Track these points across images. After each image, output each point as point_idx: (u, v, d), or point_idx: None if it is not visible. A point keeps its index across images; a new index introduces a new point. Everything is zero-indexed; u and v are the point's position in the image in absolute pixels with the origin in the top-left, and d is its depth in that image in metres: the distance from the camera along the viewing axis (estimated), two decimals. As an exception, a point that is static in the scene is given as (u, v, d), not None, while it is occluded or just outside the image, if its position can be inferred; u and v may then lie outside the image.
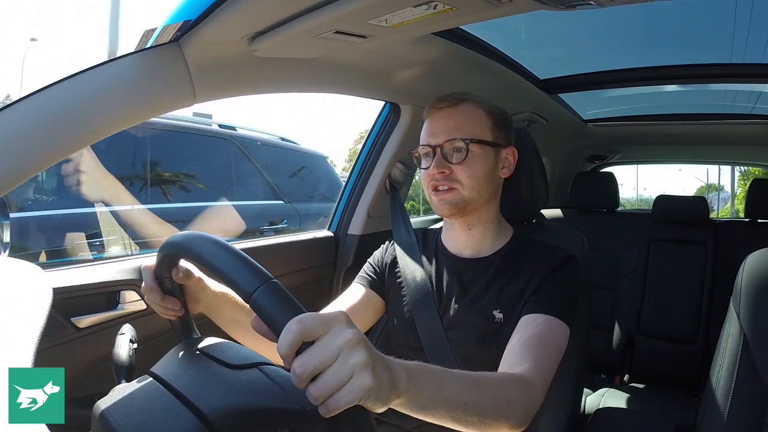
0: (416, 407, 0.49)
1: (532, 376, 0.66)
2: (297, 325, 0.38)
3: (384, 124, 1.37)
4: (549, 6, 0.70)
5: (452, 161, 0.81)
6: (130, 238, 1.91)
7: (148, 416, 0.47)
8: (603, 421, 1.02)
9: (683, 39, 1.40)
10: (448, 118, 0.83)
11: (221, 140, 2.76)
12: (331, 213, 1.46)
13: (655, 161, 3.14)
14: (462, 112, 0.83)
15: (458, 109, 0.83)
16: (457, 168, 0.81)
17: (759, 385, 0.68)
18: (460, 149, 0.81)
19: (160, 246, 0.57)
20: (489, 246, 0.88)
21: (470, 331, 0.82)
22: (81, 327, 0.85)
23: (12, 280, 0.55)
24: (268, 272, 0.43)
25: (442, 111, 0.84)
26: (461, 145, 0.81)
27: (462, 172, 0.81)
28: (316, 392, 0.38)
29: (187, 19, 0.73)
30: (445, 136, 0.81)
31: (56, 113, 0.69)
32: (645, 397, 1.64)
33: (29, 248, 1.74)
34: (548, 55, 1.49)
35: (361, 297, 0.92)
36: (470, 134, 0.81)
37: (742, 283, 0.74)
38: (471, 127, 0.82)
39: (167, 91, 0.79)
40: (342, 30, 0.78)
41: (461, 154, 0.81)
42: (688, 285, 1.78)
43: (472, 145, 0.81)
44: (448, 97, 0.85)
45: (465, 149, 0.80)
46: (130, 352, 0.59)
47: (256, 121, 38.34)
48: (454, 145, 0.81)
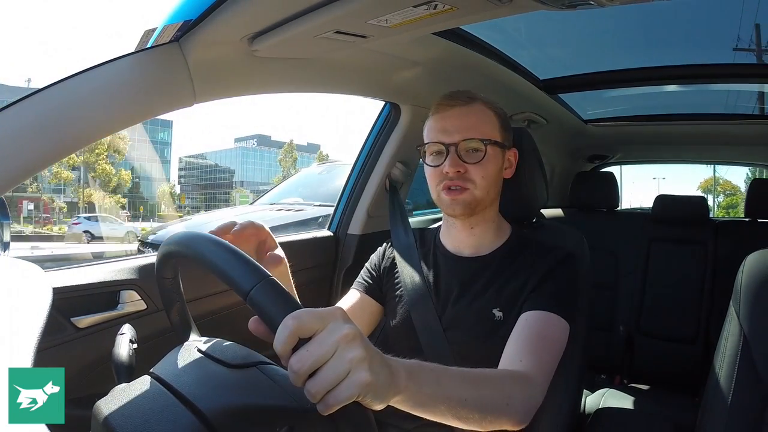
0: (416, 404, 0.49)
1: (532, 372, 0.66)
2: (292, 320, 0.38)
3: (384, 124, 1.37)
4: (549, 6, 0.70)
5: (467, 161, 0.80)
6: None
7: (148, 416, 0.47)
8: (603, 421, 1.02)
9: (683, 39, 1.40)
10: (461, 116, 0.82)
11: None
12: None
13: (655, 161, 3.13)
14: (475, 112, 0.83)
15: (471, 109, 0.83)
16: (473, 168, 0.80)
17: (759, 385, 0.68)
18: (478, 149, 0.81)
19: (159, 246, 0.58)
20: (488, 245, 0.88)
21: (469, 330, 0.82)
22: (81, 327, 0.85)
23: (12, 279, 0.55)
24: (266, 270, 0.43)
25: (454, 109, 0.83)
26: (479, 146, 0.80)
27: (477, 172, 0.80)
28: (313, 389, 0.38)
29: (187, 19, 0.73)
30: (461, 135, 0.80)
31: (56, 113, 0.69)
32: (645, 397, 1.63)
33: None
34: (548, 55, 1.49)
35: (357, 303, 0.92)
36: (485, 135, 0.81)
37: (742, 283, 0.74)
38: (485, 127, 0.82)
39: (167, 91, 0.79)
40: (342, 30, 0.78)
41: (478, 154, 0.80)
42: (688, 285, 1.77)
43: (489, 146, 0.81)
44: (459, 95, 0.84)
45: (483, 150, 0.80)
46: (130, 352, 0.59)
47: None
48: (471, 145, 0.81)
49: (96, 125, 0.73)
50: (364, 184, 1.39)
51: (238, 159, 62.13)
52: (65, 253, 13.06)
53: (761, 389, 0.68)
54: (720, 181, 19.52)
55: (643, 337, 1.79)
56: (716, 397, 0.72)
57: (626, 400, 1.55)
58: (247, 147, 62.47)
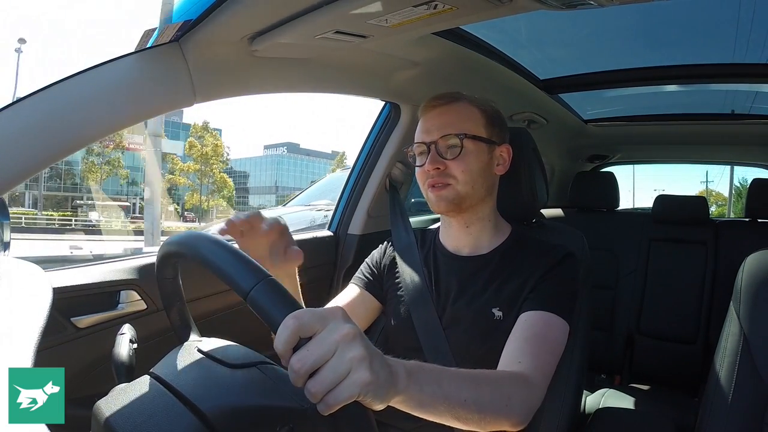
0: (416, 404, 0.49)
1: (531, 373, 0.66)
2: (293, 320, 0.38)
3: (384, 124, 1.37)
4: (549, 6, 0.70)
5: (447, 157, 0.81)
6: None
7: (148, 416, 0.47)
8: (603, 421, 1.02)
9: (683, 39, 1.40)
10: (441, 115, 0.83)
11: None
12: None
13: (655, 161, 3.13)
14: (455, 109, 0.84)
15: (451, 107, 0.84)
16: (452, 164, 0.81)
17: (759, 385, 0.68)
18: (454, 145, 0.81)
19: (160, 246, 0.58)
20: (487, 244, 0.88)
21: (469, 330, 0.82)
22: (81, 327, 0.85)
23: (12, 279, 0.55)
24: (266, 270, 0.43)
25: (435, 109, 0.84)
26: (455, 142, 0.81)
27: (456, 167, 0.81)
28: (313, 388, 0.38)
29: (187, 19, 0.73)
30: (439, 132, 0.82)
31: (56, 113, 0.69)
32: (645, 397, 1.63)
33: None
34: (548, 55, 1.49)
35: (356, 298, 0.92)
36: (463, 130, 0.82)
37: (742, 283, 0.74)
38: (464, 123, 0.83)
39: (167, 91, 0.79)
40: (342, 30, 0.78)
41: (455, 149, 0.81)
42: (689, 285, 1.77)
43: (466, 141, 0.81)
44: (441, 96, 0.85)
45: (459, 145, 0.81)
46: (130, 352, 0.59)
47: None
48: (448, 141, 0.82)
49: (96, 125, 0.73)
50: (364, 184, 1.39)
51: (273, 166, 63.63)
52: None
53: (761, 389, 0.68)
54: (713, 193, 22.72)
55: (643, 337, 1.79)
56: (716, 397, 0.72)
57: (626, 400, 1.55)
58: (278, 154, 63.78)
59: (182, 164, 29.23)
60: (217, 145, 29.30)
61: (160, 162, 9.71)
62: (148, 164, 10.64)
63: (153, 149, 8.43)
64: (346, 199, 1.42)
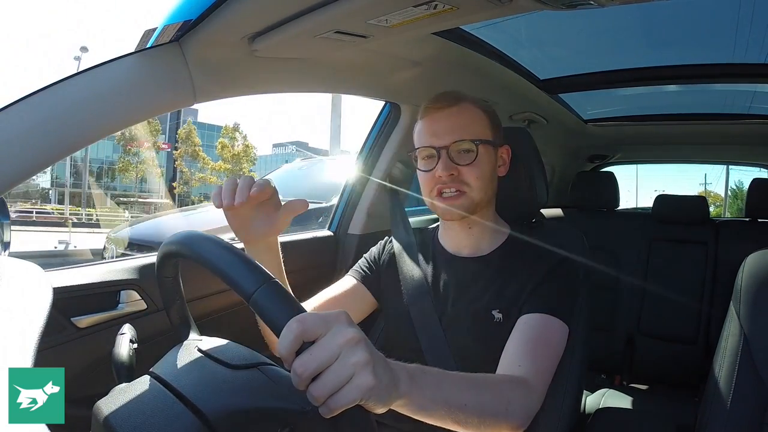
0: (417, 408, 0.49)
1: (531, 377, 0.66)
2: (297, 324, 0.38)
3: (384, 124, 1.37)
4: (549, 6, 0.70)
5: (460, 163, 0.79)
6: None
7: (148, 416, 0.47)
8: (603, 421, 1.02)
9: (683, 39, 1.40)
10: (450, 118, 0.81)
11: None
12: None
13: (655, 161, 3.14)
14: (462, 112, 0.82)
15: (459, 109, 0.82)
16: (465, 169, 0.79)
17: (759, 385, 0.68)
18: (469, 150, 0.79)
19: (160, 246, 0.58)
20: (487, 244, 0.88)
21: (469, 331, 0.82)
22: (81, 327, 0.85)
23: (12, 279, 0.55)
24: (269, 272, 0.43)
25: (443, 111, 0.82)
26: (470, 147, 0.79)
27: (470, 173, 0.79)
28: (316, 392, 0.38)
29: (187, 19, 0.73)
30: (452, 136, 0.79)
31: (56, 113, 0.69)
32: (645, 397, 1.64)
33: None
34: (548, 55, 1.49)
35: (350, 290, 0.91)
36: (476, 135, 0.80)
37: (742, 283, 0.74)
38: (475, 127, 0.81)
39: (167, 91, 0.79)
40: (342, 30, 0.78)
41: (470, 155, 0.79)
42: (689, 285, 1.77)
43: (480, 146, 0.80)
44: (445, 96, 0.83)
45: (475, 151, 0.79)
46: (130, 352, 0.59)
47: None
48: (462, 146, 0.79)
49: (96, 125, 0.73)
50: (364, 184, 1.39)
51: (282, 164, 63.96)
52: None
53: (761, 389, 0.68)
54: (711, 194, 23.79)
55: (644, 337, 1.79)
56: (716, 397, 0.72)
57: (626, 400, 1.55)
58: (287, 153, 64.16)
59: (213, 163, 29.33)
60: (248, 146, 29.49)
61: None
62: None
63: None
64: (346, 199, 1.42)
